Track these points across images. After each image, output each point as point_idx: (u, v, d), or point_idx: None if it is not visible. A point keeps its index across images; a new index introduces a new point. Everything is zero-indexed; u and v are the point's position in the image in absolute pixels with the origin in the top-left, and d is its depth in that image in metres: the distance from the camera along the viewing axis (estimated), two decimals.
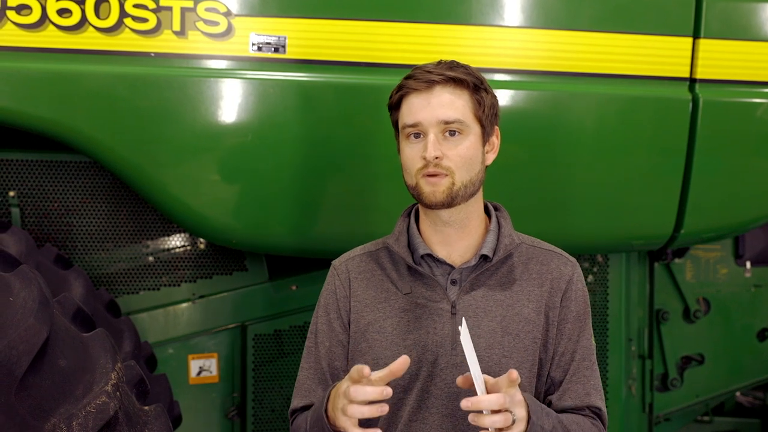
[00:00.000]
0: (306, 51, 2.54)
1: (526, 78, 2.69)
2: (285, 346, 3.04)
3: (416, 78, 1.87)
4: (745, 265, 3.52)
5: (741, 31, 2.81)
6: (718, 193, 2.89)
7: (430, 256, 1.93)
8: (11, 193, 2.76)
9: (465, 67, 1.90)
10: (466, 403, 1.62)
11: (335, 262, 2.07)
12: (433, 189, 1.84)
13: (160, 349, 2.90)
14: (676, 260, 3.41)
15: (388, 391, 1.63)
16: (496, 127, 1.97)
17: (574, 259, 2.01)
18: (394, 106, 1.93)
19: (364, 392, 1.63)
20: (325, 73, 2.56)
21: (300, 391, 1.98)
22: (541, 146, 2.72)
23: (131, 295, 2.94)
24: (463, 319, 1.73)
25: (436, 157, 1.82)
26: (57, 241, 2.83)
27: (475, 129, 1.88)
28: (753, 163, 2.91)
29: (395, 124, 1.95)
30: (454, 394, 1.86)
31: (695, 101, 2.77)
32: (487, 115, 1.90)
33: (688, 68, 2.77)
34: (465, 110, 1.86)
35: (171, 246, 2.97)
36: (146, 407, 1.87)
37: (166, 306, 2.96)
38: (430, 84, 1.85)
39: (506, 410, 1.64)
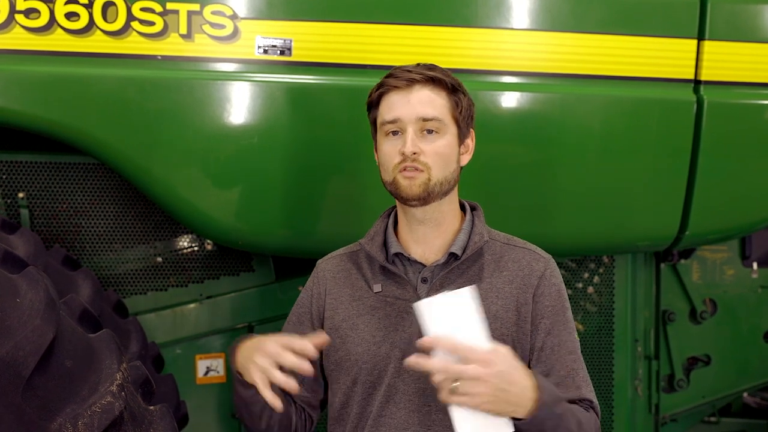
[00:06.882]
0: (312, 54, 2.55)
1: (533, 80, 2.70)
2: None
3: (396, 76, 1.92)
4: (751, 266, 3.52)
5: (746, 32, 2.81)
6: (723, 194, 2.89)
7: (402, 255, 1.97)
8: (20, 195, 2.78)
9: (443, 70, 1.95)
10: (411, 359, 1.67)
11: (318, 261, 2.13)
12: (410, 183, 1.88)
13: (167, 350, 2.92)
14: (683, 261, 3.41)
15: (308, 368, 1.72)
16: (472, 130, 2.01)
17: (548, 255, 2.02)
18: (374, 104, 1.97)
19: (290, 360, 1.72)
20: (331, 75, 2.57)
21: None
22: (547, 147, 2.73)
23: (139, 296, 2.95)
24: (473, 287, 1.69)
25: (414, 153, 1.86)
26: (65, 242, 2.85)
27: (452, 129, 1.93)
28: (758, 165, 2.90)
29: (373, 122, 2.00)
30: (421, 390, 1.89)
31: (700, 103, 2.77)
32: (464, 116, 1.95)
33: (692, 70, 2.77)
34: (443, 109, 1.91)
35: (178, 247, 2.98)
36: (152, 407, 1.88)
37: (174, 306, 2.97)
38: (410, 82, 1.90)
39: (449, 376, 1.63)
